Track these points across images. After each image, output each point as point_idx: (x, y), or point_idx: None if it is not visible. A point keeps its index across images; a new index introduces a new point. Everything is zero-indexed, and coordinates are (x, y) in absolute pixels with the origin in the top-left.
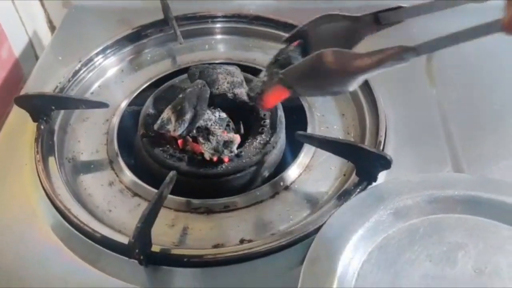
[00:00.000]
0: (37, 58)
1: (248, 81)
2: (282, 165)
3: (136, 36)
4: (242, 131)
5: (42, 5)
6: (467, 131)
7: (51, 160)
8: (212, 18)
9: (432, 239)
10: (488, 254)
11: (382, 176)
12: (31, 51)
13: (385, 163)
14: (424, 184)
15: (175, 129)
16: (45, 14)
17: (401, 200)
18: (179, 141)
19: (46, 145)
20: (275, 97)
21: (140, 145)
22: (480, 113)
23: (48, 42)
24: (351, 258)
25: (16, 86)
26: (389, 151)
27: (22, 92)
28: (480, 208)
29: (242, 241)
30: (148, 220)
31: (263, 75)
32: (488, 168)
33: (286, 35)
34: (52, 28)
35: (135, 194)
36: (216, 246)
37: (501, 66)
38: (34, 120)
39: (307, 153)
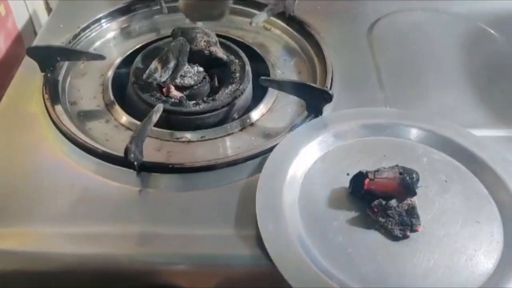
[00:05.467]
0: (35, 34)
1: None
2: (249, 110)
3: (127, 10)
4: (216, 83)
5: None
6: (394, 80)
7: (56, 102)
8: None
9: (363, 153)
10: (406, 164)
11: (326, 112)
12: (30, 27)
13: (328, 97)
14: (359, 115)
15: (161, 75)
16: None
17: (340, 126)
18: (164, 89)
19: (52, 90)
20: None
21: (131, 91)
22: (406, 68)
23: (52, 11)
24: (299, 166)
25: (18, 56)
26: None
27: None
28: (401, 132)
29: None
30: (141, 133)
31: None
32: (408, 106)
33: (254, 11)
34: (49, 10)
35: (128, 129)
36: None
37: (427, 36)
38: (42, 70)
39: (269, 100)
